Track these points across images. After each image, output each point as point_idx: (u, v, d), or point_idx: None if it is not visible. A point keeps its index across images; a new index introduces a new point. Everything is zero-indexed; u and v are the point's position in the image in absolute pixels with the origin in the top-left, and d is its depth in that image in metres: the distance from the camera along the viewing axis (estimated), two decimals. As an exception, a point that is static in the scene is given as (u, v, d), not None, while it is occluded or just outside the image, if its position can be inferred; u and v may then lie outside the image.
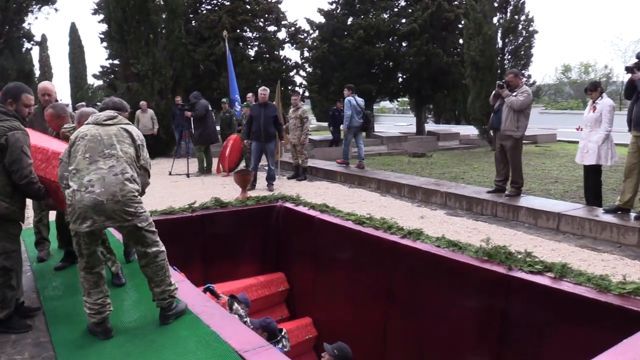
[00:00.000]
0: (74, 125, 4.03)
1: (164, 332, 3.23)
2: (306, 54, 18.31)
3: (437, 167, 11.72)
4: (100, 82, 18.64)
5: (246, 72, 15.75)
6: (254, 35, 17.76)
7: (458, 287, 4.66)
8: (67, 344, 3.09)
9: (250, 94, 11.82)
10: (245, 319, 4.47)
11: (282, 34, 18.24)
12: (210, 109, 10.97)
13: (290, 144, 10.29)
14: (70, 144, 3.20)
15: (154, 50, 14.29)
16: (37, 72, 26.60)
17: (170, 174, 11.11)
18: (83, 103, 13.48)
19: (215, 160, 11.38)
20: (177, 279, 4.04)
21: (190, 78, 15.36)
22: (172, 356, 2.89)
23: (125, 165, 3.13)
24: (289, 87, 11.62)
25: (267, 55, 17.52)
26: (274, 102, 10.40)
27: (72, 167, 3.09)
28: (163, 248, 3.33)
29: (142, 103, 13.40)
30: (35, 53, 28.18)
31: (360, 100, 10.37)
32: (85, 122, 3.32)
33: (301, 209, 7.05)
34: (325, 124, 21.49)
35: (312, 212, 6.82)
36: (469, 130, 19.82)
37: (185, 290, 3.94)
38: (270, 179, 9.01)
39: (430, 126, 26.63)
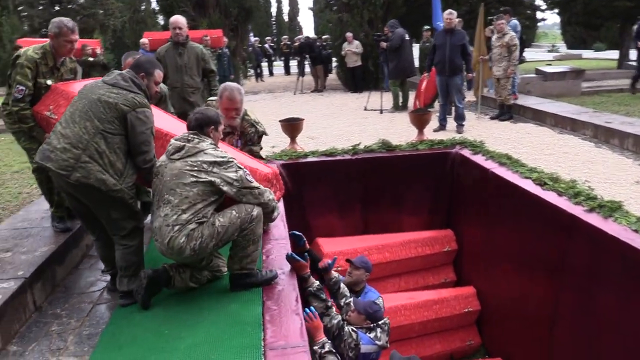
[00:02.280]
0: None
1: (213, 304, 2.85)
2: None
3: None
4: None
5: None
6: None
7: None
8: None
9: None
10: (349, 300, 3.83)
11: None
12: (407, 38, 9.97)
13: (494, 77, 8.77)
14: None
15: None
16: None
17: (365, 109, 10.68)
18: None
19: (411, 96, 10.50)
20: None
21: (401, 5, 14.34)
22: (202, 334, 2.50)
23: (175, 215, 2.71)
24: (502, 8, 9.73)
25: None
26: (478, 28, 8.92)
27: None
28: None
29: (348, 34, 13.06)
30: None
31: None
32: None
33: (477, 158, 5.90)
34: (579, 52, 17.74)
35: (488, 164, 5.64)
36: None
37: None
38: (459, 118, 7.84)
39: None
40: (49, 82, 3.41)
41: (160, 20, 14.98)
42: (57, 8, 28.17)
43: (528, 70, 13.18)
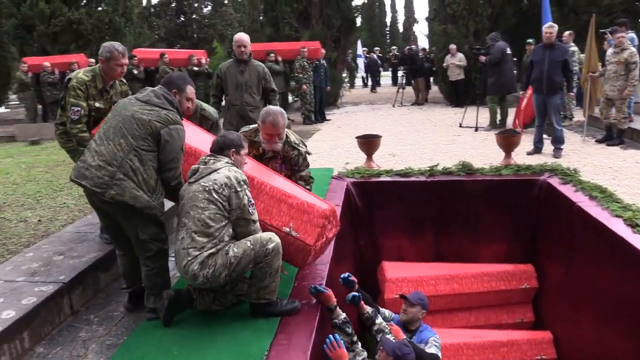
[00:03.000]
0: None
1: (228, 330, 2.80)
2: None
3: None
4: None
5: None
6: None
7: None
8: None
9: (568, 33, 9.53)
10: (384, 332, 3.55)
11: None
12: (508, 52, 9.33)
13: (604, 97, 7.90)
14: None
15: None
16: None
17: (460, 125, 10.18)
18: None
19: (511, 113, 9.80)
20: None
21: (511, 17, 13.50)
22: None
23: (190, 238, 2.71)
24: (619, 20, 8.60)
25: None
26: (589, 41, 8.10)
27: None
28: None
29: (451, 47, 12.57)
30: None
31: None
32: None
33: (565, 189, 5.33)
34: None
35: (575, 196, 5.07)
36: None
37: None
38: (557, 141, 7.13)
39: None
40: (97, 104, 3.55)
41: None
42: (182, 18, 30.43)
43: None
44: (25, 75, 12.97)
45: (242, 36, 4.95)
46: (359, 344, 3.34)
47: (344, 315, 3.31)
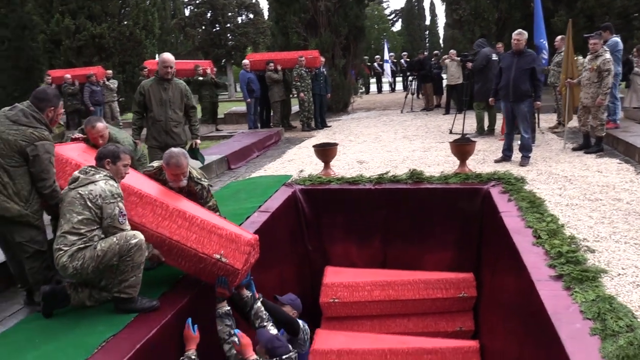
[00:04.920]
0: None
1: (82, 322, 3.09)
2: None
3: None
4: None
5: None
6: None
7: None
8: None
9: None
10: (264, 324, 3.73)
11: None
12: (494, 58, 9.21)
13: (581, 104, 7.70)
14: None
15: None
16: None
17: (450, 131, 10.13)
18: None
19: (499, 120, 9.66)
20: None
21: (519, 20, 13.26)
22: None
23: (63, 237, 3.07)
24: (603, 24, 8.22)
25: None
26: (566, 46, 7.93)
27: None
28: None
29: (451, 52, 12.50)
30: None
31: None
32: None
33: (500, 198, 5.38)
34: None
35: (504, 206, 5.10)
36: None
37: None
38: (524, 149, 7.03)
39: None
40: None
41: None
42: (216, 27, 31.42)
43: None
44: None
45: (168, 56, 5.17)
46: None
47: (227, 308, 3.55)
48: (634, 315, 2.81)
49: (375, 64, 23.92)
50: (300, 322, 4.15)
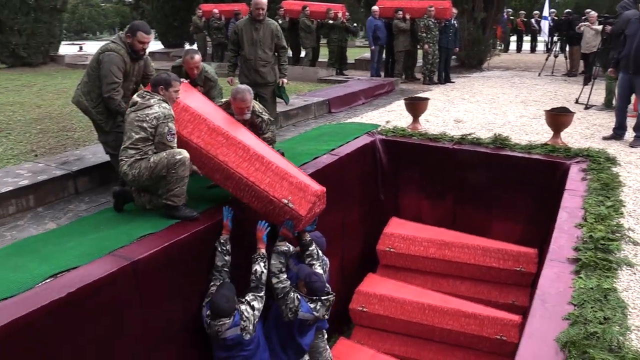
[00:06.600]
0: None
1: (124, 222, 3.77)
2: None
3: None
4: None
5: None
6: None
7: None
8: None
9: None
10: (313, 262, 4.08)
11: None
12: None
13: None
14: None
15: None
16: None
17: (576, 101, 9.31)
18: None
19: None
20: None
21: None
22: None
23: (125, 150, 3.71)
24: None
25: None
26: None
27: None
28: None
29: (592, 14, 11.15)
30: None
31: None
32: None
33: (576, 176, 5.11)
34: None
35: (574, 184, 4.85)
36: None
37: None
38: (638, 128, 6.33)
39: None
40: None
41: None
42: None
43: None
44: (199, 20, 15.22)
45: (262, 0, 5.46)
46: (285, 274, 3.97)
47: (286, 247, 3.98)
48: (623, 311, 2.69)
49: (533, 20, 22.00)
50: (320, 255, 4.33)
